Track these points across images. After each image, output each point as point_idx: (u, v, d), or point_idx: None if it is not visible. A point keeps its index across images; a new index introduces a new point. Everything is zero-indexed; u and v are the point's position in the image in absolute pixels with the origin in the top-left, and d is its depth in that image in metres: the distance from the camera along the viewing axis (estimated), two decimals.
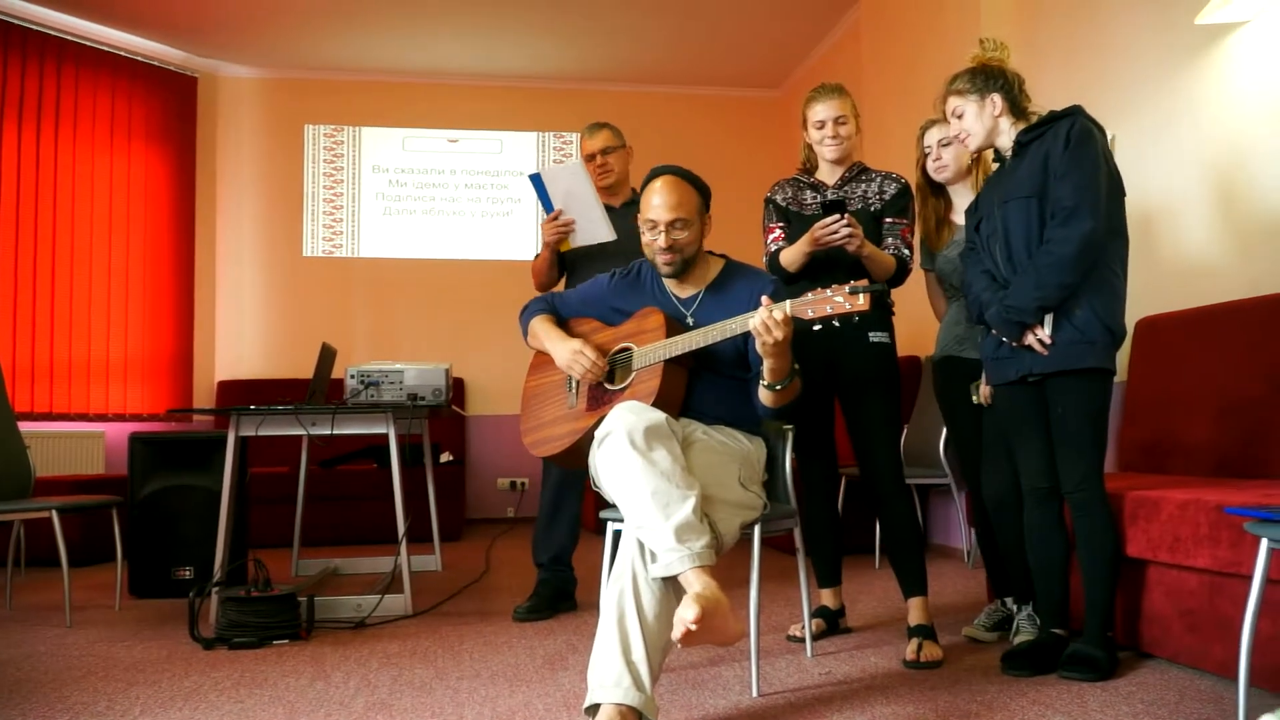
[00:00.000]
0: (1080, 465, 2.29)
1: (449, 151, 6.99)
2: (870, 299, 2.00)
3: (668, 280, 2.49)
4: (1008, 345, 2.37)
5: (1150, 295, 3.22)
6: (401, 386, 3.57)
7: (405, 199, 6.92)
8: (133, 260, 6.05)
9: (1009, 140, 2.42)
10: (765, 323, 2.07)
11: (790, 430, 2.50)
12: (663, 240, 2.37)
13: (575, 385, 2.52)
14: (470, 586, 3.87)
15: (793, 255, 2.66)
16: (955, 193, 2.84)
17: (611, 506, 2.21)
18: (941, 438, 3.91)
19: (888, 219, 2.73)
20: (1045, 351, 2.29)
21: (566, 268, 3.41)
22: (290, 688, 2.34)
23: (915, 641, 2.50)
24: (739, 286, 2.43)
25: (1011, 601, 2.78)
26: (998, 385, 2.47)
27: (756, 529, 2.23)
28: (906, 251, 2.72)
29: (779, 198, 2.84)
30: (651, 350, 2.34)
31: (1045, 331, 2.29)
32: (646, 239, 2.42)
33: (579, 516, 3.38)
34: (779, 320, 2.06)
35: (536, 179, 3.22)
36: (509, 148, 7.05)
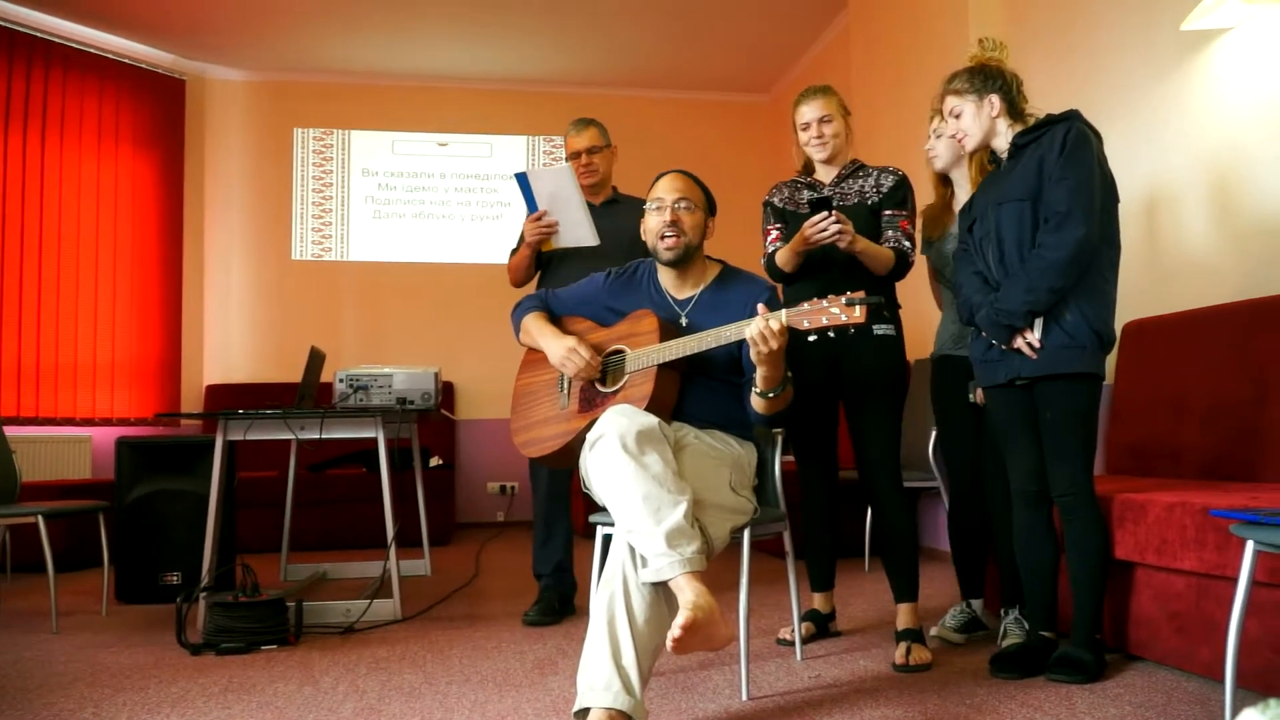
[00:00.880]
0: (1069, 469, 2.30)
1: (438, 155, 6.97)
2: (866, 310, 2.00)
3: (665, 280, 2.49)
4: (997, 348, 2.38)
5: (1136, 298, 3.23)
6: (390, 390, 3.56)
7: (395, 202, 6.90)
8: (120, 263, 6.01)
9: (1005, 142, 2.42)
10: (762, 332, 2.08)
11: (780, 434, 2.50)
12: (668, 215, 2.38)
13: (567, 385, 2.51)
14: (460, 591, 3.86)
15: (786, 256, 2.67)
16: (958, 184, 2.84)
17: (602, 509, 2.21)
18: (931, 440, 3.92)
19: (886, 211, 2.71)
20: (1034, 355, 2.30)
21: (542, 266, 3.40)
22: (278, 693, 2.33)
23: (904, 645, 2.51)
24: (736, 291, 2.43)
25: (978, 603, 2.80)
26: (987, 388, 2.48)
27: (746, 533, 2.23)
28: (907, 244, 2.69)
29: (776, 199, 2.84)
30: (645, 354, 2.33)
31: (1035, 335, 2.30)
32: (652, 224, 2.43)
33: (572, 527, 3.39)
34: (775, 330, 2.07)
35: (522, 178, 3.21)
36: (499, 151, 7.04)
